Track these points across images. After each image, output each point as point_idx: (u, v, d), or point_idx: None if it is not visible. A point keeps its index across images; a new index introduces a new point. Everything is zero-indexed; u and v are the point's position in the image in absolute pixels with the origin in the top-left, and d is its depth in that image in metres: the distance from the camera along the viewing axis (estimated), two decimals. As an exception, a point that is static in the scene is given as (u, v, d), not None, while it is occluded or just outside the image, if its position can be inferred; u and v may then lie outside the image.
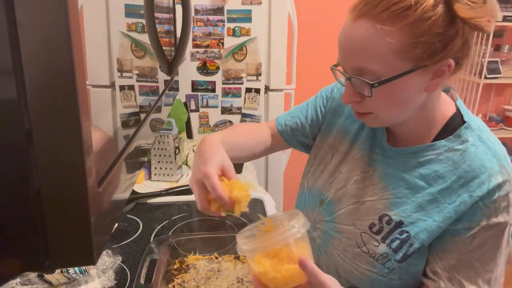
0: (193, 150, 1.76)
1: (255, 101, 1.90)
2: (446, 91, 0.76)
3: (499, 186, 0.65)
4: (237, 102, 1.91)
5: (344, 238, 0.76)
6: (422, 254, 0.71)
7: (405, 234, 0.70)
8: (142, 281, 0.82)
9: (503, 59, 2.66)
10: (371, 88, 0.63)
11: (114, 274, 0.92)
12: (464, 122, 0.71)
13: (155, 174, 1.47)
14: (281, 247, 0.60)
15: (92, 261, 0.34)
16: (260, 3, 1.76)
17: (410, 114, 0.69)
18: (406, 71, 0.62)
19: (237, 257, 0.95)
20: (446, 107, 0.73)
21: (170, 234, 1.11)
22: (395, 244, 0.71)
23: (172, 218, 1.21)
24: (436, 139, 0.72)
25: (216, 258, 0.95)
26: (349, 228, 0.76)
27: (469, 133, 0.70)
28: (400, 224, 0.71)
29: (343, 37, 0.65)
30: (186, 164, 1.64)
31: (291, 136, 0.95)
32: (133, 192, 1.33)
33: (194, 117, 1.93)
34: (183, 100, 1.88)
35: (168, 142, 1.42)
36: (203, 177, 0.67)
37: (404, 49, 0.60)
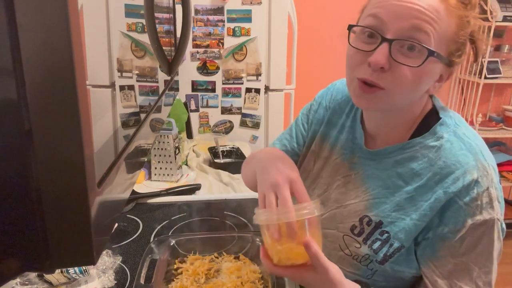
0: (193, 150, 1.76)
1: (255, 101, 1.90)
2: None
3: (475, 182, 0.64)
4: (237, 102, 1.91)
5: (328, 243, 0.76)
6: (405, 260, 0.70)
7: (386, 235, 0.70)
8: (142, 281, 0.82)
9: (503, 59, 2.66)
10: (426, 57, 0.61)
11: (114, 274, 0.92)
12: (439, 118, 0.71)
13: (155, 174, 1.47)
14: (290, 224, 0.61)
15: (92, 261, 0.34)
16: (260, 3, 1.76)
17: (407, 105, 0.69)
18: (441, 57, 0.63)
19: (237, 257, 0.95)
20: (424, 103, 0.73)
21: (170, 234, 1.10)
22: (376, 245, 0.71)
23: (172, 218, 1.21)
24: (413, 137, 0.72)
25: (216, 258, 0.95)
26: (332, 231, 0.77)
27: (444, 130, 0.69)
28: (379, 224, 0.71)
29: None
30: (186, 164, 1.64)
31: None
32: (133, 192, 1.33)
33: (194, 117, 1.93)
34: (183, 100, 1.88)
35: (168, 142, 1.42)
36: (276, 185, 0.61)
37: (450, 36, 0.63)
